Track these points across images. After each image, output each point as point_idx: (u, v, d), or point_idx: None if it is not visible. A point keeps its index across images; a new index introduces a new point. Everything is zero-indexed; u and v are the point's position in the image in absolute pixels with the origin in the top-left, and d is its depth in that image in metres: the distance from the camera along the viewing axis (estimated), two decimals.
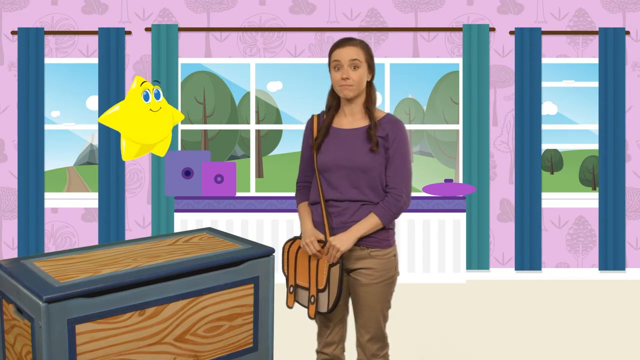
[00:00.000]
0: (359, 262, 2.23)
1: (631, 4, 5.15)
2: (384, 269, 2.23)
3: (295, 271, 2.31)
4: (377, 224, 2.19)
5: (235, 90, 20.45)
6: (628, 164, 5.17)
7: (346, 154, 2.22)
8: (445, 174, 19.64)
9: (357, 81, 2.20)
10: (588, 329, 3.82)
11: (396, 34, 5.17)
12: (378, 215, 2.18)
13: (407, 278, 4.92)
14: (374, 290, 2.22)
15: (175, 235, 2.50)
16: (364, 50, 2.23)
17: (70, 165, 20.67)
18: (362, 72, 2.21)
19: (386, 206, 2.19)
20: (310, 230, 2.27)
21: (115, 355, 1.89)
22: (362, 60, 2.21)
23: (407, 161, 2.23)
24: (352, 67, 2.19)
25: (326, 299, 2.20)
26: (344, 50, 2.20)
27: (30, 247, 5.07)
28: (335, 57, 2.22)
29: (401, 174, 2.20)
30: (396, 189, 2.20)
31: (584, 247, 5.17)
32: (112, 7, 5.16)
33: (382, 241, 2.23)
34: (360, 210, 2.21)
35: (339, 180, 2.23)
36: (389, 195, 2.20)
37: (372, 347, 2.27)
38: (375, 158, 2.19)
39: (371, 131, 2.20)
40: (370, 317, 2.24)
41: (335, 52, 2.22)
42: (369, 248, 2.22)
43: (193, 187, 4.90)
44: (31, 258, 2.14)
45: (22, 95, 5.06)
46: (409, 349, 3.48)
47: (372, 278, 2.21)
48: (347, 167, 2.21)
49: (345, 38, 2.25)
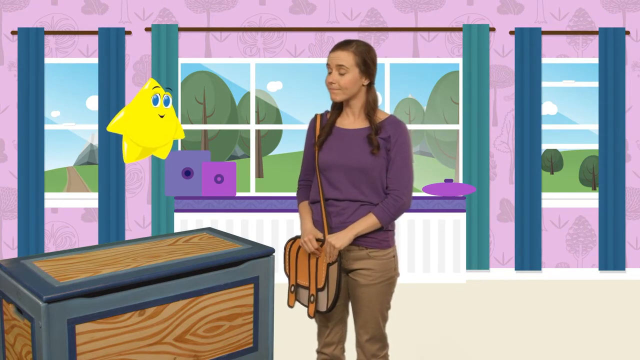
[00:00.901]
0: (358, 263, 2.23)
1: (631, 4, 5.15)
2: (383, 269, 2.22)
3: (297, 270, 2.31)
4: (375, 224, 2.19)
5: (235, 90, 20.44)
6: (628, 164, 5.17)
7: (347, 154, 2.22)
8: (445, 174, 19.63)
9: (344, 85, 2.20)
10: (588, 329, 3.82)
11: (396, 34, 5.17)
12: (377, 215, 2.18)
13: (407, 278, 4.92)
14: (372, 290, 2.22)
15: (175, 235, 2.50)
16: (358, 54, 2.20)
17: (70, 165, 20.67)
18: (351, 77, 2.19)
19: (385, 207, 2.19)
20: (310, 228, 2.27)
21: (115, 355, 1.88)
22: (351, 65, 2.18)
23: (409, 163, 2.23)
24: (339, 72, 2.20)
25: (325, 298, 2.21)
26: (334, 54, 2.21)
27: (30, 247, 5.07)
28: (328, 60, 2.24)
29: (402, 175, 2.20)
30: (397, 190, 2.20)
31: (584, 247, 5.17)
32: (112, 7, 5.16)
33: (381, 242, 2.23)
34: (359, 210, 2.21)
35: (339, 179, 2.23)
36: (389, 196, 2.20)
37: (371, 348, 2.27)
38: (376, 159, 2.19)
39: (371, 136, 2.20)
40: (369, 318, 2.24)
41: (329, 55, 2.24)
42: (367, 248, 2.22)
43: (193, 187, 4.90)
44: (31, 258, 2.14)
45: (22, 95, 5.06)
46: (409, 349, 3.48)
47: (370, 279, 2.21)
48: (348, 167, 2.21)
49: (343, 42, 2.24)
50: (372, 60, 2.23)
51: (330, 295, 2.19)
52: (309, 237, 2.22)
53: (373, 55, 2.24)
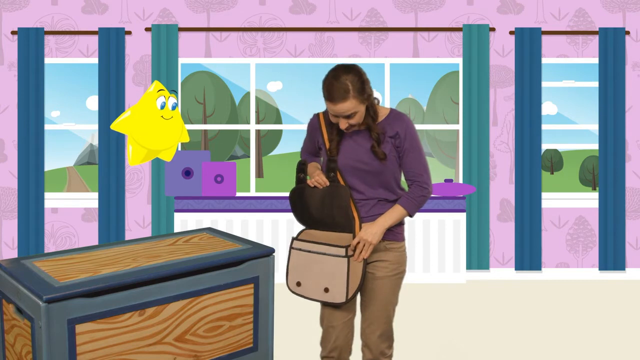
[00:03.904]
0: (375, 255, 2.26)
1: (631, 4, 5.15)
2: (398, 262, 2.27)
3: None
4: (403, 215, 2.23)
5: (235, 90, 20.43)
6: (628, 164, 5.16)
7: (358, 156, 2.24)
8: (445, 174, 19.62)
9: (358, 121, 2.18)
10: (588, 329, 3.82)
11: (396, 34, 5.17)
12: (404, 206, 2.22)
13: (407, 278, 4.91)
14: (386, 283, 2.25)
15: (175, 235, 2.50)
16: (356, 93, 2.12)
17: (70, 165, 20.67)
18: (360, 114, 2.17)
19: (412, 196, 2.23)
20: (315, 165, 2.43)
21: (115, 355, 1.88)
22: (356, 105, 2.13)
23: (422, 152, 2.26)
24: (347, 118, 2.16)
25: (344, 288, 2.17)
26: (337, 108, 2.12)
27: (30, 247, 5.07)
28: (330, 108, 2.15)
29: (420, 164, 2.23)
30: (421, 178, 2.22)
31: (584, 247, 5.17)
32: (112, 7, 5.16)
33: (397, 234, 2.28)
34: (377, 207, 2.26)
35: (353, 180, 2.27)
36: (414, 185, 2.23)
37: (381, 345, 2.28)
38: (386, 162, 2.22)
39: (375, 148, 2.20)
40: (381, 312, 2.26)
41: (329, 106, 2.14)
42: (385, 241, 2.26)
43: (193, 187, 4.90)
44: (31, 258, 2.14)
45: (22, 95, 5.06)
46: (409, 349, 3.48)
47: (387, 271, 2.25)
48: (359, 170, 2.24)
49: (336, 88, 2.10)
50: (366, 83, 2.16)
51: (351, 287, 2.18)
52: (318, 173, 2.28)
53: (364, 77, 2.16)
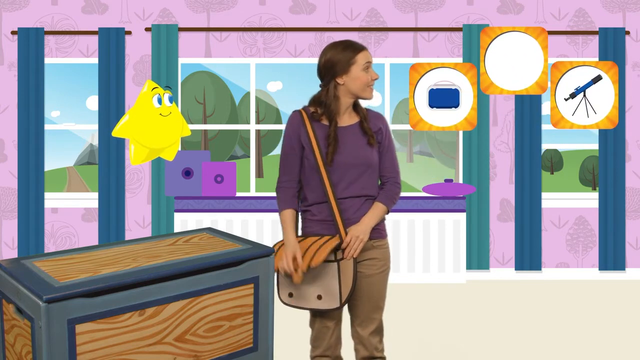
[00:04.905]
0: (364, 254, 2.28)
1: (631, 4, 5.15)
2: (385, 258, 2.31)
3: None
4: (385, 212, 2.29)
5: (235, 90, 20.45)
6: (628, 164, 5.17)
7: (352, 150, 2.25)
8: (445, 174, 19.64)
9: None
10: (588, 329, 3.82)
11: (396, 34, 5.17)
12: (383, 203, 2.27)
13: (407, 278, 4.92)
14: (376, 280, 2.28)
15: (175, 235, 2.50)
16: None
17: (70, 165, 20.68)
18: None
19: (388, 194, 2.29)
20: (294, 243, 2.27)
21: (116, 355, 1.89)
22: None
23: (395, 151, 2.38)
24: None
25: (337, 294, 2.21)
26: (368, 53, 2.28)
27: (30, 247, 5.07)
28: (365, 58, 2.25)
29: (395, 162, 2.34)
30: (394, 177, 2.32)
31: (584, 247, 5.17)
32: (112, 7, 5.16)
33: (381, 231, 2.32)
34: (364, 206, 2.28)
35: (342, 177, 2.25)
36: (389, 183, 2.31)
37: (374, 340, 2.31)
38: (374, 152, 2.27)
39: (365, 125, 2.27)
40: (372, 309, 2.29)
41: (364, 53, 2.26)
42: (371, 239, 2.28)
43: (193, 187, 4.90)
44: (31, 258, 2.14)
45: (22, 95, 5.06)
46: (409, 349, 3.48)
47: (375, 268, 2.28)
48: (353, 164, 2.25)
49: (356, 42, 2.29)
50: None
51: (344, 291, 2.20)
52: (292, 255, 2.24)
53: None
